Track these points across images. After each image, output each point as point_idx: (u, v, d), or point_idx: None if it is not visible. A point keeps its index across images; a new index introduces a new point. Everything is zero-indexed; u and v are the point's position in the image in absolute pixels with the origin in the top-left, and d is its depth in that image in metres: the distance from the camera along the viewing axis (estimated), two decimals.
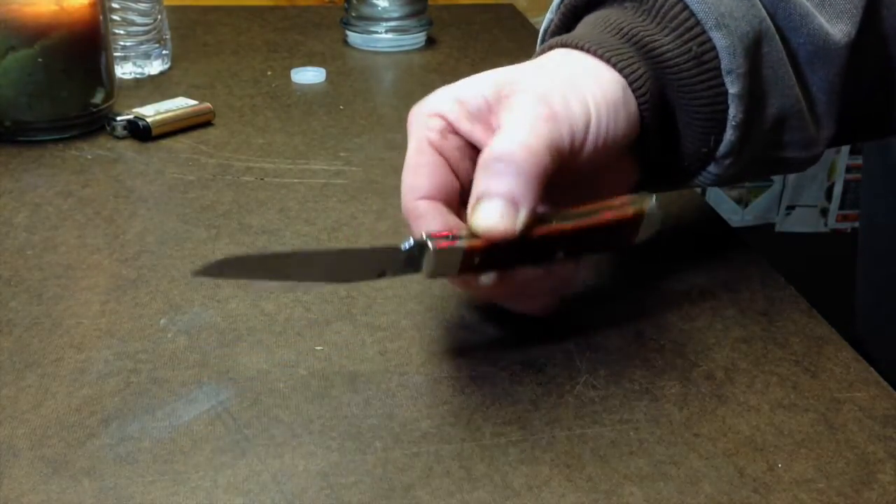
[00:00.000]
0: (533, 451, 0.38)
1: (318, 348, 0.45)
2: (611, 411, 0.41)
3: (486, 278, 0.41)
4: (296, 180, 0.64)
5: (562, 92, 0.40)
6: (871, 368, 0.44)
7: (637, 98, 0.43)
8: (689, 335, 0.47)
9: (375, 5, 0.97)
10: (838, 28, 0.47)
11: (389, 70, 0.93)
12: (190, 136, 0.72)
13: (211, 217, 0.58)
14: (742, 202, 2.10)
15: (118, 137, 0.71)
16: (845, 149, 1.92)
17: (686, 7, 0.43)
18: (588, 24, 0.45)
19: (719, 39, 0.43)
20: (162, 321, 0.47)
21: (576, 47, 0.43)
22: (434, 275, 0.39)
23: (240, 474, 0.37)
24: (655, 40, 0.43)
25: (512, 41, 1.01)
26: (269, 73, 0.88)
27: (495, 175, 0.38)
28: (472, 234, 0.38)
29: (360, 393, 0.42)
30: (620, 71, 0.42)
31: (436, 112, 0.41)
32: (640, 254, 0.55)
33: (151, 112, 0.71)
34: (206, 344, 0.45)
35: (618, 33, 0.44)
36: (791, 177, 1.99)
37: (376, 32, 0.97)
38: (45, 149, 0.69)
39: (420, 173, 0.41)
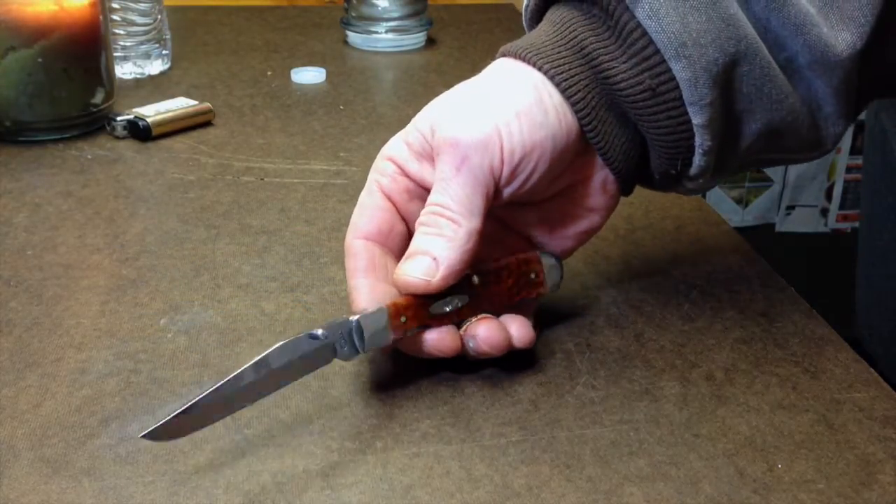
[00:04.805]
0: (533, 451, 0.38)
1: None
2: (611, 411, 0.41)
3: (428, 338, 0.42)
4: (296, 180, 0.64)
5: (468, 121, 0.41)
6: (871, 369, 0.44)
7: (569, 100, 0.42)
8: (689, 335, 0.47)
9: (375, 5, 0.97)
10: (842, 37, 0.43)
11: (389, 70, 0.93)
12: (190, 136, 0.72)
13: (211, 217, 0.58)
14: (742, 202, 2.10)
15: (118, 137, 0.71)
16: (845, 149, 1.92)
17: (645, 33, 0.41)
18: (551, 24, 0.44)
19: (679, 71, 0.41)
20: (162, 321, 0.47)
21: (517, 57, 0.44)
22: (372, 342, 0.40)
23: (240, 474, 0.37)
24: (612, 66, 0.42)
25: (512, 41, 1.00)
26: (269, 73, 0.88)
27: (423, 236, 0.41)
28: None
29: (359, 393, 0.42)
30: (545, 72, 0.42)
31: (389, 155, 0.44)
32: (640, 254, 0.55)
33: (151, 112, 0.71)
34: (206, 344, 0.45)
35: (579, 51, 0.43)
36: (791, 177, 1.99)
37: (376, 32, 0.97)
38: (45, 149, 0.69)
39: (363, 214, 0.43)
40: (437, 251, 0.40)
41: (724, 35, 0.41)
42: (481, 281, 0.42)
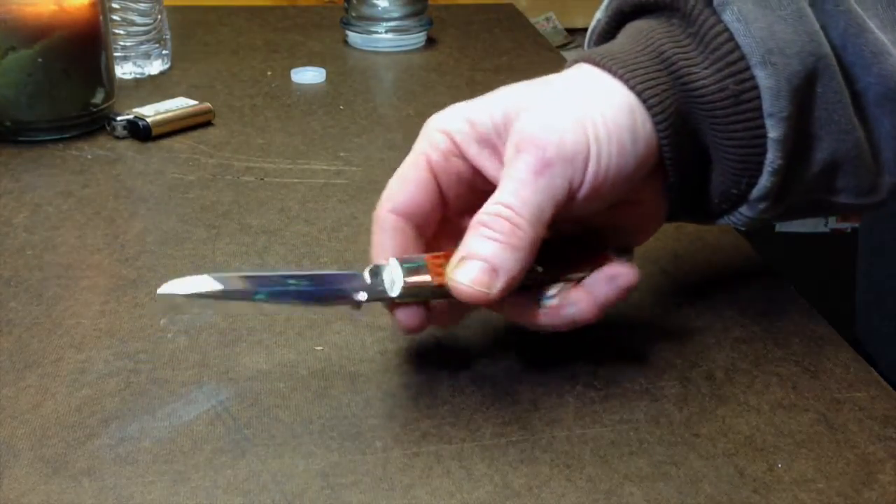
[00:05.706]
0: (533, 451, 0.38)
1: (318, 348, 0.45)
2: (611, 411, 0.41)
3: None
4: (296, 180, 0.64)
5: (560, 126, 0.39)
6: (871, 368, 0.44)
7: (656, 126, 0.40)
8: (689, 335, 0.47)
9: (375, 5, 0.97)
10: None
11: (389, 70, 0.93)
12: (190, 136, 0.72)
13: (211, 217, 0.58)
14: None
15: (118, 137, 0.71)
16: None
17: (731, 38, 0.40)
18: (628, 36, 0.42)
19: (763, 79, 0.40)
20: (162, 321, 0.47)
21: (599, 65, 0.41)
22: (403, 299, 0.39)
23: (240, 474, 0.37)
24: (693, 72, 0.40)
25: (512, 41, 1.01)
26: (269, 73, 0.88)
27: (482, 238, 0.38)
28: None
29: (360, 393, 0.42)
30: (639, 94, 0.40)
31: (446, 129, 0.41)
32: (639, 254, 0.55)
33: (151, 112, 0.71)
34: (206, 344, 0.45)
35: (657, 57, 0.41)
36: None
37: (376, 32, 0.97)
38: (45, 149, 0.69)
39: (403, 188, 0.41)
40: (498, 260, 0.37)
41: (807, 49, 0.40)
42: (545, 272, 0.40)
